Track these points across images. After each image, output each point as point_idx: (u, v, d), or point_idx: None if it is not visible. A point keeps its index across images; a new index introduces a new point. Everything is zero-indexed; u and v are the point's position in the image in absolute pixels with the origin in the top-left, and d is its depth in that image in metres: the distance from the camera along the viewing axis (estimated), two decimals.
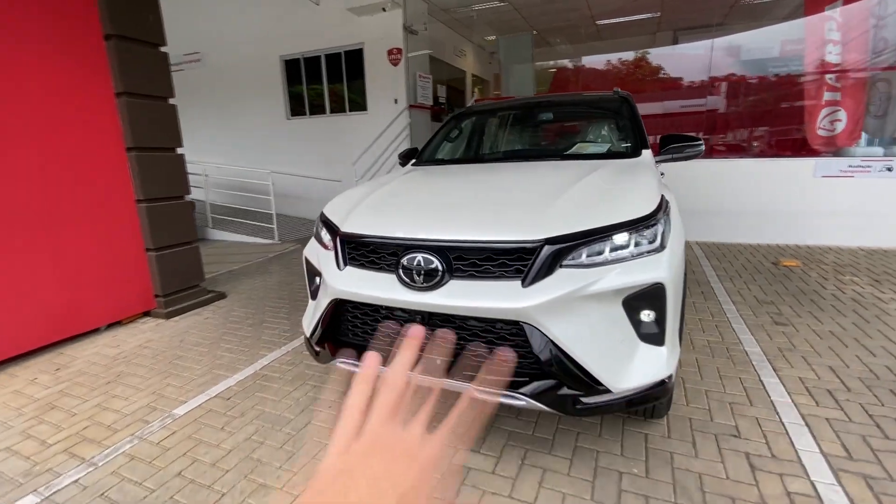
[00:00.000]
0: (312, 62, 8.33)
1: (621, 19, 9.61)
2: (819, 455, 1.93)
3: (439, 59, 9.12)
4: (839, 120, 5.39)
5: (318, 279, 2.17)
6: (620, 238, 1.60)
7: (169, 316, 3.95)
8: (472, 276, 1.62)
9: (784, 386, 2.48)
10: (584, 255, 1.57)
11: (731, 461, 1.93)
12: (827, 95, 5.41)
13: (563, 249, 1.55)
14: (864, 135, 5.51)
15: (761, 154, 6.27)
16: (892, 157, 5.05)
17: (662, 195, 1.84)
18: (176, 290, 4.09)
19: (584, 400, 1.57)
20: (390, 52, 7.43)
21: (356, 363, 1.86)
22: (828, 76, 5.37)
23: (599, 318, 1.56)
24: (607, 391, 1.56)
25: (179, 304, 4.07)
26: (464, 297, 1.58)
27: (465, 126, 3.49)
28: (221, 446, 2.18)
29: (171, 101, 3.98)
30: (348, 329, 1.94)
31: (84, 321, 3.53)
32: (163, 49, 3.88)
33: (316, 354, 2.04)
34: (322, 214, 2.22)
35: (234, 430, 2.31)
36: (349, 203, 2.16)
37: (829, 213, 5.32)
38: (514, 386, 1.59)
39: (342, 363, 1.91)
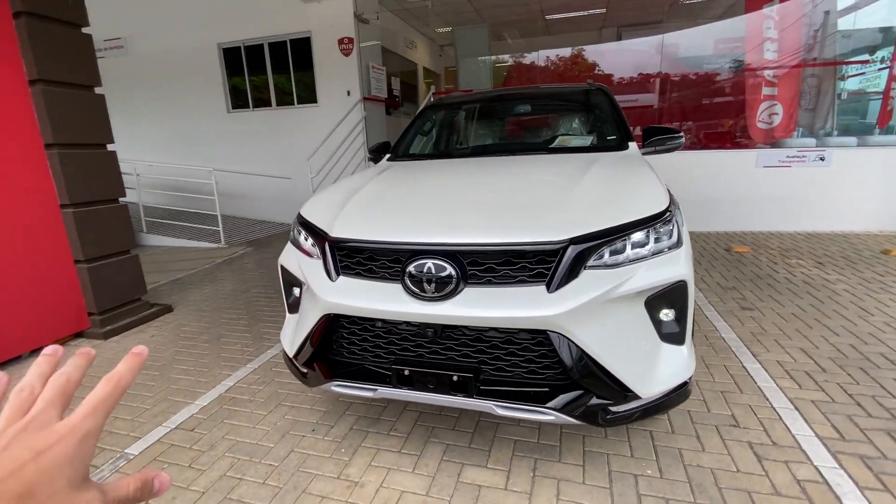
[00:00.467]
0: (255, 51, 7.75)
1: (570, 14, 9.79)
2: (815, 439, 1.99)
3: (391, 51, 8.83)
4: (776, 113, 5.78)
5: (297, 290, 1.92)
6: (639, 236, 1.52)
7: (107, 336, 3.47)
8: (489, 283, 1.48)
9: (766, 371, 2.56)
10: (606, 255, 1.47)
11: (736, 452, 1.93)
12: (765, 90, 5.78)
13: (588, 250, 1.44)
14: (798, 128, 5.96)
15: (707, 146, 6.61)
16: (824, 148, 5.49)
17: (668, 189, 1.78)
18: (114, 307, 3.60)
19: (614, 409, 1.48)
20: (341, 42, 7.06)
21: (358, 385, 1.66)
22: (766, 72, 5.73)
23: (624, 321, 1.47)
24: (636, 398, 1.47)
25: (118, 322, 3.59)
26: (482, 306, 1.43)
27: (438, 119, 3.32)
28: (192, 488, 1.89)
29: (98, 90, 3.47)
30: (344, 347, 1.72)
31: None
32: (85, 30, 3.37)
33: (303, 377, 1.80)
34: (300, 217, 1.97)
35: (205, 466, 2.02)
36: (332, 204, 1.93)
37: (771, 201, 5.70)
38: (538, 399, 1.47)
39: (340, 387, 1.69)
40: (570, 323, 1.37)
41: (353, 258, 1.65)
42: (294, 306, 1.92)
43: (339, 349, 1.73)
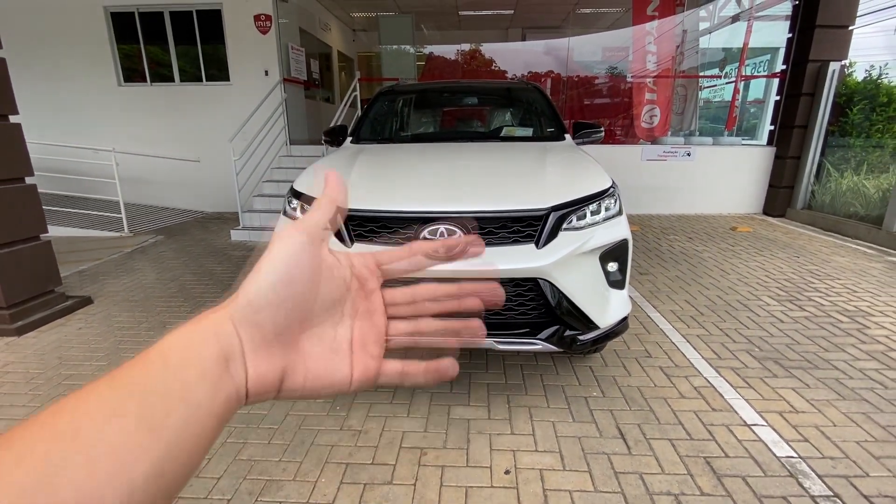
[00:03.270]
0: (153, 19, 6.99)
1: (481, 12, 10.36)
2: (702, 360, 2.68)
3: (307, 32, 8.56)
4: (656, 115, 6.92)
5: None
6: (595, 206, 1.97)
7: (21, 332, 3.11)
8: (490, 244, 1.80)
9: (664, 317, 3.28)
10: (574, 220, 1.89)
11: (652, 374, 2.53)
12: (647, 95, 6.89)
13: (563, 216, 1.85)
14: (671, 128, 7.20)
15: (602, 142, 7.65)
16: (690, 146, 6.74)
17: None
18: (25, 299, 3.22)
19: (581, 338, 1.92)
20: (258, 18, 6.72)
21: None
22: (648, 80, 6.83)
23: (587, 271, 1.91)
24: (597, 328, 1.93)
25: (32, 316, 3.22)
26: (488, 262, 1.76)
27: (397, 105, 3.52)
28: None
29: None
30: None
31: None
32: None
33: None
34: (293, 189, 2.10)
35: None
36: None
37: (653, 189, 6.85)
38: (526, 334, 1.85)
39: None
40: (554, 272, 1.77)
41: (365, 227, 1.86)
42: None
43: None
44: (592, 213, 1.95)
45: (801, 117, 6.29)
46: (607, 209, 2.00)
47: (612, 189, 2.07)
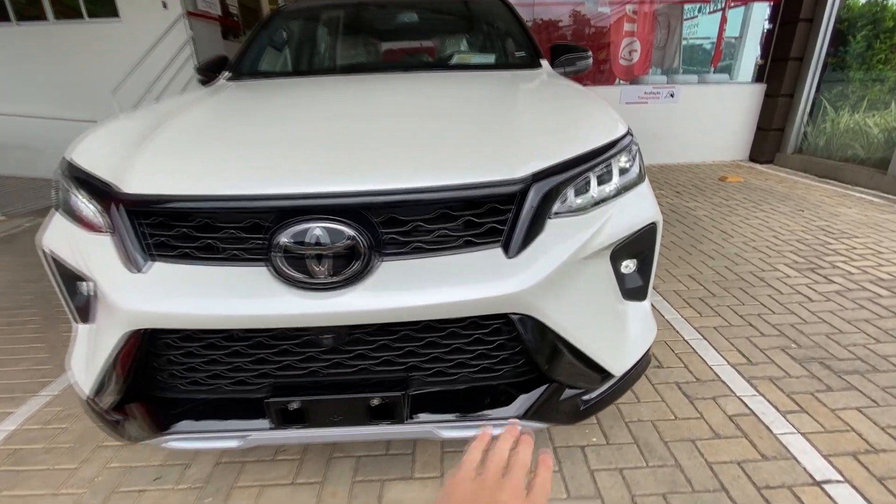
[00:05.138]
0: None
1: None
2: (729, 367, 2.00)
3: None
4: (636, 50, 6.03)
5: (86, 286, 1.16)
6: (603, 168, 1.13)
7: None
8: (418, 251, 0.96)
9: (667, 301, 2.58)
10: (571, 196, 1.06)
11: (669, 396, 1.84)
12: (626, 26, 5.95)
13: (553, 189, 1.01)
14: (652, 66, 6.34)
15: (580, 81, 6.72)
16: (673, 85, 5.93)
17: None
18: None
19: (586, 398, 1.14)
20: None
21: (211, 434, 1.04)
22: (627, 7, 5.87)
23: (592, 283, 1.11)
24: (609, 377, 1.16)
25: None
26: (410, 289, 0.92)
27: (295, 28, 2.48)
28: None
29: None
30: (178, 376, 1.06)
31: None
32: None
33: (114, 428, 1.10)
34: (70, 166, 1.15)
35: None
36: (124, 140, 1.16)
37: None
38: (492, 406, 1.05)
39: (182, 441, 1.04)
40: (540, 299, 0.96)
41: (173, 229, 0.97)
42: (84, 312, 1.15)
43: (169, 380, 1.07)
44: (601, 182, 1.12)
45: (796, 48, 5.55)
46: (623, 172, 1.18)
47: (627, 138, 1.24)
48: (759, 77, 6.16)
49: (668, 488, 1.44)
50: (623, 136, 1.22)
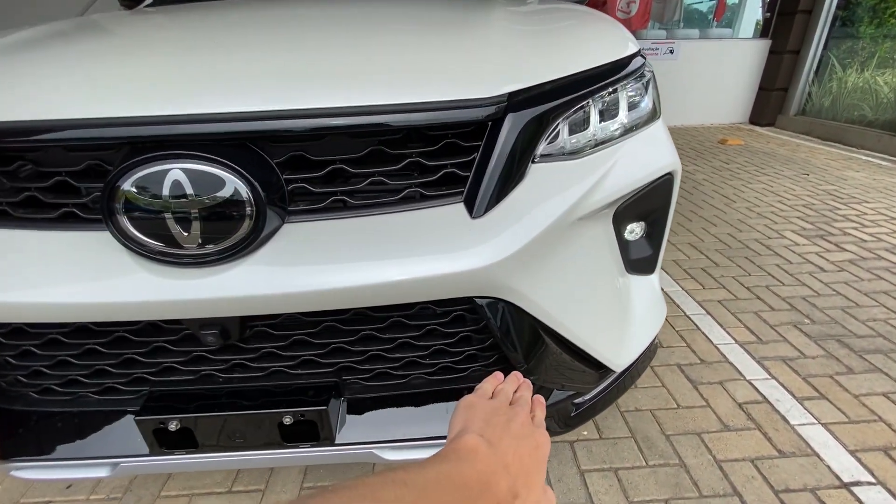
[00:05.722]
0: None
1: None
2: (737, 346, 1.78)
3: None
4: (634, 2, 5.57)
5: None
6: (606, 95, 0.83)
7: None
8: (338, 207, 0.66)
9: (666, 272, 2.34)
10: (564, 133, 0.76)
11: (670, 381, 1.61)
12: None
13: (537, 120, 0.71)
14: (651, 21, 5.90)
15: None
16: (673, 41, 5.53)
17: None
18: None
19: (579, 401, 0.88)
20: None
21: (70, 461, 0.77)
22: None
23: (588, 251, 0.83)
24: (609, 373, 0.90)
25: None
26: (324, 263, 0.63)
27: None
28: None
29: None
30: (21, 384, 0.77)
31: None
32: None
33: None
34: None
35: None
36: None
37: None
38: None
39: (32, 470, 0.77)
40: (517, 276, 0.68)
41: None
42: None
43: (13, 387, 0.78)
44: (604, 117, 0.82)
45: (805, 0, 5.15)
46: (633, 106, 0.88)
47: (639, 59, 0.94)
48: (763, 33, 5.77)
49: (671, 493, 1.23)
50: (633, 56, 0.91)
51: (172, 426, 0.71)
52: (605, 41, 0.94)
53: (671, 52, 5.53)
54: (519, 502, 0.36)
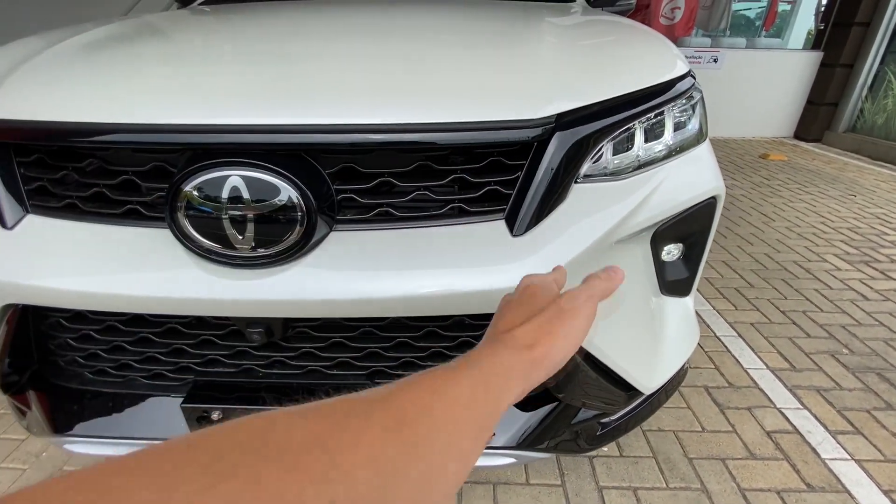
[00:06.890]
0: None
1: None
2: (768, 373, 1.73)
3: None
4: (679, 7, 5.42)
5: None
6: (652, 117, 0.83)
7: None
8: (385, 218, 0.69)
9: (698, 291, 2.28)
10: (608, 154, 0.76)
11: (696, 403, 1.58)
12: None
13: (583, 141, 0.72)
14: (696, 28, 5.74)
15: None
16: (718, 49, 5.36)
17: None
18: None
19: (605, 420, 0.89)
20: None
21: (121, 440, 0.82)
22: None
23: (627, 272, 0.83)
24: (637, 395, 0.90)
25: None
26: (369, 272, 0.66)
27: None
28: None
29: None
30: (79, 363, 0.83)
31: None
32: None
33: (21, 415, 0.89)
34: None
35: None
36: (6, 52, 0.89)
37: None
38: None
39: (83, 444, 0.83)
40: None
41: (52, 170, 0.71)
42: None
43: (71, 367, 0.84)
44: (649, 138, 0.82)
45: (864, 11, 4.90)
46: (679, 127, 0.87)
47: (688, 80, 0.92)
48: (815, 44, 5.52)
49: None
50: (683, 77, 0.90)
51: (215, 416, 0.75)
52: (654, 60, 0.94)
53: (715, 60, 5.36)
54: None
